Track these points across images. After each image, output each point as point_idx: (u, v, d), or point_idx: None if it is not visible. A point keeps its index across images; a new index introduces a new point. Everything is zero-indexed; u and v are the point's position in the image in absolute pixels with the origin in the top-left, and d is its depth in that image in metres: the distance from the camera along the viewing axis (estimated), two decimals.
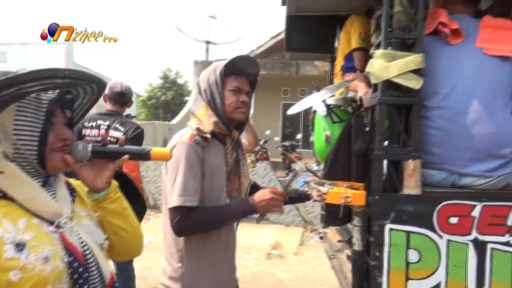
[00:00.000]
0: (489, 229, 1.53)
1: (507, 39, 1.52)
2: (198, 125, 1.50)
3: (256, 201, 1.50)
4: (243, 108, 1.57)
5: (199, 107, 1.56)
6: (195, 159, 1.46)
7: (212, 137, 1.51)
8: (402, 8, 1.55)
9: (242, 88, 1.57)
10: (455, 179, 1.58)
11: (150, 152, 0.98)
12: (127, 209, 1.09)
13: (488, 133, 1.49)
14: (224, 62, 1.55)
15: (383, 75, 1.54)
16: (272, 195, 1.51)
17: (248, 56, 1.59)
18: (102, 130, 3.05)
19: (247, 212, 1.50)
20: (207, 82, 1.56)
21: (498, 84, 1.52)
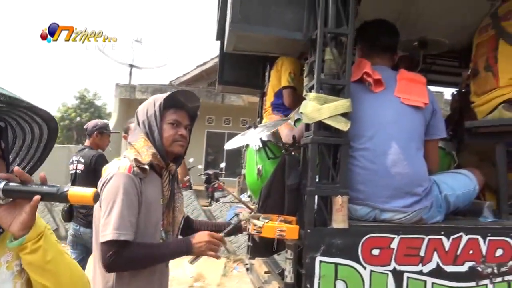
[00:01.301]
0: (405, 259, 1.69)
1: (419, 91, 1.76)
2: (136, 156, 1.48)
3: (194, 242, 1.49)
4: (181, 142, 1.57)
5: (138, 138, 1.54)
6: (133, 191, 1.42)
7: (150, 169, 1.49)
8: (332, 57, 1.71)
9: (181, 121, 1.58)
10: (377, 214, 1.73)
11: (66, 193, 0.84)
12: (54, 262, 0.89)
13: (405, 173, 1.68)
14: (163, 95, 1.56)
15: (316, 116, 1.66)
16: (210, 238, 1.51)
17: (188, 91, 1.62)
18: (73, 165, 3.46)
19: (183, 252, 1.49)
20: (146, 114, 1.55)
21: (413, 130, 1.73)
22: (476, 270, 1.73)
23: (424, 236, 1.71)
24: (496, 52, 2.07)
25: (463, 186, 1.88)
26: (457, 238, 1.73)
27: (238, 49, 2.00)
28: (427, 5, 2.95)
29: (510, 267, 1.75)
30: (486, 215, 1.91)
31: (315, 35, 1.74)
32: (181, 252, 1.49)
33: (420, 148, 1.76)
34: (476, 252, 1.74)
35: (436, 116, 1.81)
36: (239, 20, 1.74)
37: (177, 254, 1.50)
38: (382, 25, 1.99)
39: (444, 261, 1.71)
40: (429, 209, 1.74)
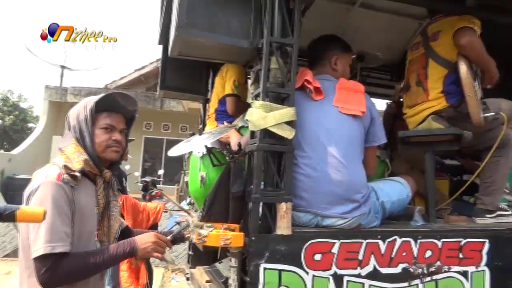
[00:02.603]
0: (345, 263, 1.75)
1: (356, 100, 1.84)
2: (66, 163, 1.38)
3: (138, 244, 1.42)
4: (115, 147, 1.50)
5: (69, 144, 1.44)
6: (64, 200, 1.32)
7: (82, 176, 1.41)
8: (277, 66, 1.75)
9: (115, 125, 1.51)
10: (319, 220, 1.78)
11: (15, 213, 0.78)
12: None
13: (345, 181, 1.75)
14: (96, 98, 1.47)
15: (261, 124, 1.68)
16: (157, 239, 1.46)
17: (124, 93, 1.55)
18: None
19: (127, 254, 1.41)
20: (77, 118, 1.46)
21: (352, 138, 1.81)
22: (409, 271, 1.84)
23: (362, 240, 1.79)
24: (426, 70, 2.24)
25: (398, 193, 2.00)
26: (392, 241, 1.83)
27: (183, 54, 1.96)
28: (364, 20, 3.13)
29: (437, 267, 1.88)
30: (416, 219, 2.04)
31: (261, 43, 1.77)
32: (125, 254, 1.41)
33: (359, 155, 1.84)
34: (409, 254, 1.85)
35: (375, 124, 1.91)
36: (185, 25, 1.71)
37: (120, 257, 1.42)
38: (321, 36, 2.07)
39: (380, 264, 1.80)
40: (367, 215, 1.82)
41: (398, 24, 3.15)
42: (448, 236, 1.93)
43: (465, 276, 1.92)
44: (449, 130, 2.10)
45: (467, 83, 1.98)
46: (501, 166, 2.25)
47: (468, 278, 1.93)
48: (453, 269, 1.91)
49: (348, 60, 2.06)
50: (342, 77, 1.95)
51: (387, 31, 3.24)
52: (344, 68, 2.02)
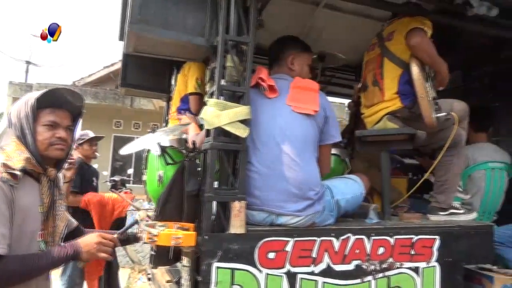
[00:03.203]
0: (298, 261, 1.77)
1: (310, 98, 1.85)
2: (6, 161, 1.33)
3: (82, 246, 1.39)
4: (60, 145, 1.46)
5: (9, 142, 1.39)
6: (2, 200, 1.28)
7: (25, 175, 1.36)
8: (233, 64, 1.74)
9: (60, 122, 1.47)
10: (273, 218, 1.79)
11: None
12: None
13: (298, 179, 1.76)
14: (36, 94, 1.43)
15: (215, 122, 1.67)
16: (101, 239, 1.43)
17: (68, 89, 1.51)
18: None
19: (69, 257, 1.37)
20: (18, 115, 1.41)
21: (305, 137, 1.82)
22: (362, 267, 1.87)
23: (316, 238, 1.81)
24: (381, 69, 2.29)
25: (352, 191, 2.03)
26: (345, 239, 1.86)
27: (139, 51, 1.93)
28: (328, 21, 3.17)
29: (390, 263, 1.92)
30: (371, 216, 2.08)
31: (217, 41, 1.76)
32: (68, 257, 1.37)
33: (313, 154, 1.86)
34: (362, 251, 1.89)
35: (329, 122, 1.92)
36: (138, 21, 1.68)
37: (62, 261, 1.38)
38: (280, 37, 2.09)
39: (334, 261, 1.83)
40: (321, 213, 1.84)
41: (362, 26, 3.20)
42: (401, 233, 1.97)
43: (416, 272, 1.98)
44: (403, 130, 2.16)
45: (419, 84, 2.04)
46: (454, 165, 2.33)
47: (419, 273, 1.98)
48: (405, 265, 1.96)
49: (306, 59, 2.07)
50: (299, 76, 1.96)
51: (351, 32, 3.29)
52: (302, 68, 2.03)
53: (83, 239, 1.41)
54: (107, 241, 1.44)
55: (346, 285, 1.84)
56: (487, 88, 3.55)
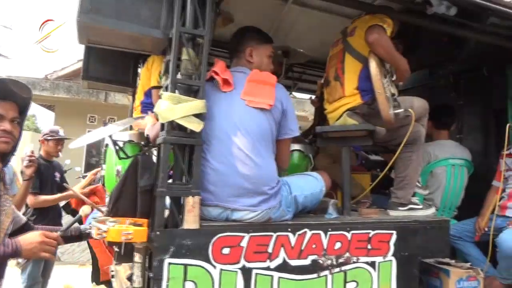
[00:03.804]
0: (254, 256, 1.76)
1: (266, 92, 1.83)
2: None
3: (22, 244, 1.34)
4: (4, 138, 1.41)
5: None
6: None
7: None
8: (188, 57, 1.71)
9: (4, 114, 1.42)
10: (228, 214, 1.77)
11: None
12: None
13: (252, 174, 1.74)
14: None
15: (169, 116, 1.64)
16: (43, 238, 1.38)
17: (14, 80, 1.46)
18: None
19: (8, 255, 1.32)
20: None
21: (260, 131, 1.80)
22: (318, 262, 1.88)
23: (272, 233, 1.81)
24: (343, 64, 2.30)
25: (311, 187, 2.03)
26: (302, 234, 1.86)
27: (93, 42, 1.88)
28: (298, 17, 3.17)
29: (346, 258, 1.94)
30: (330, 212, 2.10)
31: (172, 34, 1.72)
32: (7, 255, 1.32)
33: (269, 149, 1.84)
34: (319, 246, 1.89)
35: (286, 116, 1.90)
36: (89, 11, 1.63)
37: (1, 258, 1.33)
38: (237, 30, 2.06)
39: (290, 256, 1.83)
40: (277, 208, 1.83)
41: (331, 23, 3.20)
42: (358, 228, 1.99)
43: (373, 266, 2.00)
44: (362, 126, 2.18)
45: (376, 80, 2.06)
46: (413, 161, 2.36)
47: (376, 268, 2.01)
48: (362, 259, 1.98)
49: (266, 51, 2.04)
50: (258, 69, 1.93)
51: (321, 29, 3.29)
52: (261, 60, 2.00)
53: (24, 237, 1.37)
54: (50, 240, 1.40)
55: (302, 280, 1.84)
56: (452, 86, 3.63)
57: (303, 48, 3.36)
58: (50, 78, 11.02)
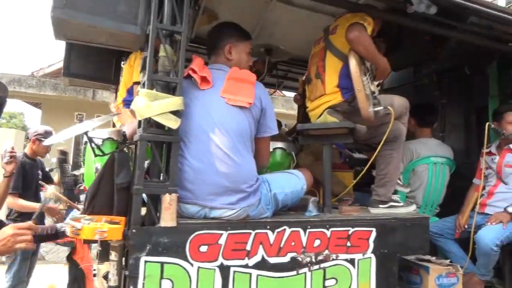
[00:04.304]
0: (232, 254, 1.75)
1: (245, 90, 1.82)
2: None
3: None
4: None
5: None
6: None
7: None
8: (165, 54, 1.70)
9: None
10: (206, 212, 1.76)
11: None
12: None
13: (231, 172, 1.74)
14: None
15: (146, 113, 1.63)
16: (15, 230, 1.36)
17: None
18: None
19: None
20: None
21: (239, 129, 1.79)
22: (297, 260, 1.88)
23: (251, 231, 1.80)
24: (324, 62, 2.31)
25: (292, 185, 2.03)
26: (281, 232, 1.86)
27: (69, 38, 1.85)
28: (283, 15, 3.16)
29: (325, 255, 1.94)
30: (310, 209, 2.10)
31: (149, 30, 1.70)
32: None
33: (247, 147, 1.84)
34: (298, 243, 1.89)
35: (265, 114, 1.90)
36: (63, 6, 1.60)
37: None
38: (214, 26, 2.05)
39: (269, 254, 1.83)
40: (256, 206, 1.83)
41: (315, 21, 3.20)
42: (337, 226, 2.00)
43: (352, 263, 2.01)
44: (343, 123, 2.18)
45: (356, 77, 2.06)
46: (394, 159, 2.38)
47: (355, 265, 2.02)
48: (341, 257, 1.98)
49: (245, 48, 2.02)
50: (238, 66, 1.93)
51: (306, 27, 3.29)
52: (240, 57, 1.98)
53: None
54: (23, 230, 1.38)
55: (281, 278, 1.84)
56: (435, 85, 3.66)
57: (288, 46, 3.36)
58: (37, 76, 10.88)
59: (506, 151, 2.70)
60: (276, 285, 1.83)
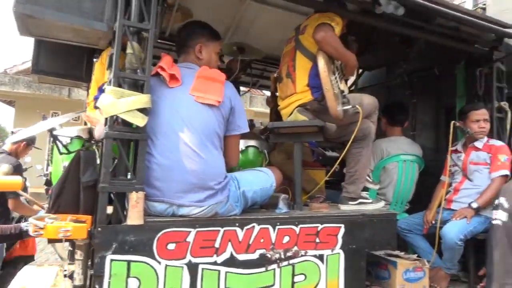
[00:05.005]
0: (200, 252, 1.76)
1: (214, 89, 1.83)
2: None
3: None
4: None
5: None
6: None
7: None
8: (132, 51, 1.69)
9: None
10: (174, 209, 1.76)
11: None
12: None
13: (198, 169, 1.74)
14: None
15: (112, 110, 1.62)
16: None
17: None
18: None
19: None
20: None
21: (207, 128, 1.80)
22: (266, 256, 1.90)
23: (219, 228, 1.81)
24: (294, 62, 2.33)
25: (261, 182, 2.04)
26: (250, 229, 1.88)
27: (35, 34, 1.82)
28: (258, 14, 3.18)
29: (294, 252, 1.97)
30: (281, 206, 2.12)
31: (116, 27, 1.69)
32: None
33: (216, 145, 1.84)
34: (267, 240, 1.91)
35: (235, 113, 1.91)
36: (26, 1, 1.57)
37: None
38: (185, 25, 2.05)
39: (237, 251, 1.84)
40: (224, 203, 1.84)
41: (290, 20, 3.24)
42: (306, 222, 2.03)
43: (321, 259, 2.04)
44: (312, 122, 2.21)
45: (324, 77, 2.10)
46: (363, 156, 2.42)
47: (324, 261, 2.05)
48: (310, 253, 2.01)
49: (215, 48, 2.03)
50: (207, 65, 1.93)
51: (280, 26, 3.32)
52: (210, 56, 1.99)
53: None
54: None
55: (250, 274, 1.86)
56: (407, 85, 3.75)
57: (264, 44, 3.39)
58: (10, 73, 10.59)
59: (471, 149, 2.79)
60: (245, 281, 1.84)
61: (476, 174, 2.73)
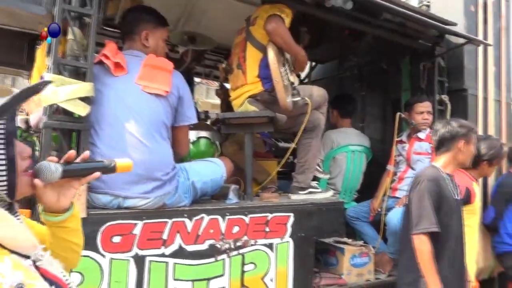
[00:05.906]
0: (147, 244, 1.73)
1: (162, 78, 1.79)
2: None
3: None
4: None
5: None
6: None
7: None
8: (74, 37, 1.61)
9: None
10: (120, 201, 1.71)
11: (115, 165, 0.97)
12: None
13: (144, 160, 1.69)
14: None
15: (52, 99, 1.54)
16: None
17: None
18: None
19: None
20: None
21: (154, 118, 1.76)
22: (215, 247, 1.91)
23: (167, 220, 1.79)
24: (245, 53, 2.33)
25: (211, 173, 2.03)
26: (199, 219, 1.87)
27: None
28: (210, 4, 3.13)
29: (244, 241, 1.99)
30: (231, 197, 2.13)
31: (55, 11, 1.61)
32: None
33: (163, 135, 1.80)
34: (216, 230, 1.92)
35: (183, 103, 1.88)
36: None
37: None
38: (130, 10, 1.99)
39: (186, 242, 1.83)
40: (173, 194, 1.81)
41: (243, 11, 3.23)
42: (256, 212, 2.05)
43: (270, 248, 2.08)
44: (263, 112, 2.22)
45: (274, 69, 2.12)
46: (312, 147, 2.48)
47: (274, 249, 2.09)
48: (260, 242, 2.04)
49: (162, 35, 1.96)
50: (154, 53, 1.88)
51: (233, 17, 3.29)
52: (157, 44, 1.93)
53: None
54: None
55: (199, 265, 1.86)
56: (356, 78, 3.87)
57: (217, 35, 3.34)
58: None
59: (414, 139, 2.93)
60: (194, 272, 1.84)
61: (419, 164, 2.87)
